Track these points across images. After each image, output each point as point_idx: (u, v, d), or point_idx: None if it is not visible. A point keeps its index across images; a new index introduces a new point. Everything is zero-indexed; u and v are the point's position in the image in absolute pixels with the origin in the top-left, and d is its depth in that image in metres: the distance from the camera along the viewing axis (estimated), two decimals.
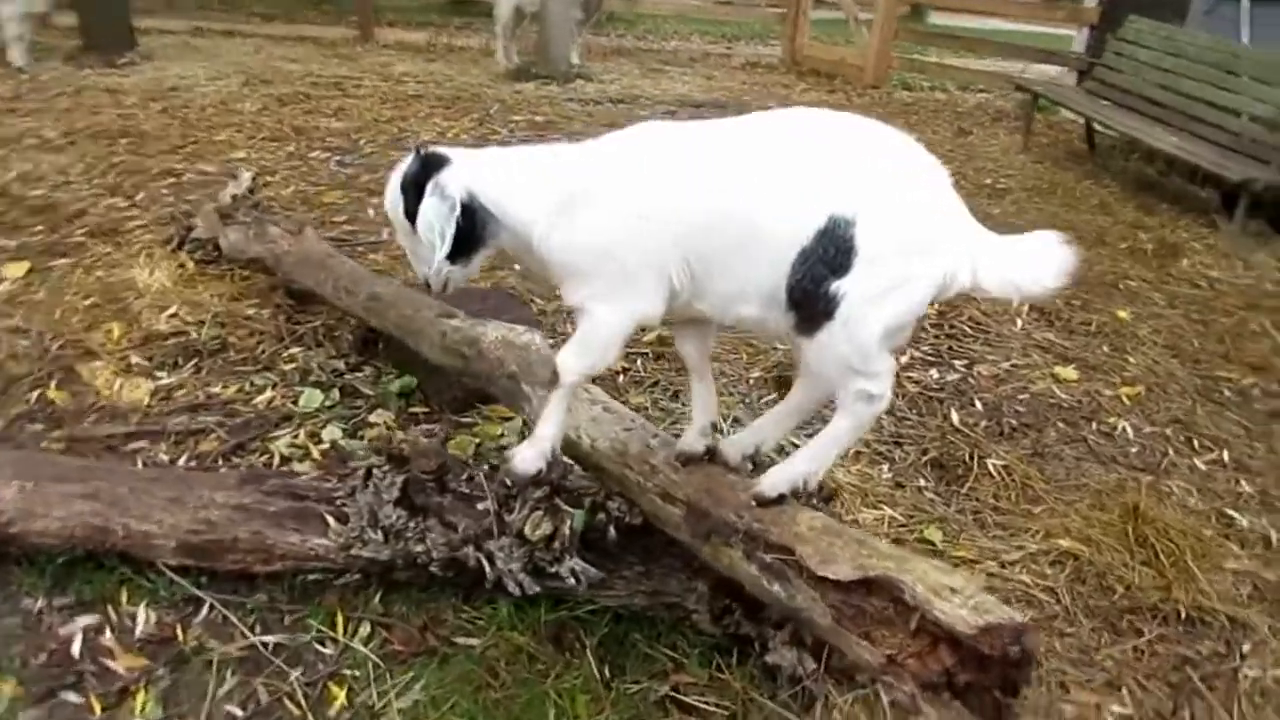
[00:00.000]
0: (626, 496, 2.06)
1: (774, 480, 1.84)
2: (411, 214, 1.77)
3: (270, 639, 2.29)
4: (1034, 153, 8.01)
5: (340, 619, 2.34)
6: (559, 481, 2.06)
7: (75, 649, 2.22)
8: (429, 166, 1.77)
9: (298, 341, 3.63)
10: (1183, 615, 2.68)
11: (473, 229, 1.76)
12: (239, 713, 2.13)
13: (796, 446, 2.18)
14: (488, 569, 2.02)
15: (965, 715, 1.60)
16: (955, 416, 3.53)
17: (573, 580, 2.01)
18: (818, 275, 1.61)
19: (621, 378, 3.55)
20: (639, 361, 3.70)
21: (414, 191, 1.77)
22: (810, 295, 1.63)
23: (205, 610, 2.35)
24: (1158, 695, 2.44)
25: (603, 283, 1.74)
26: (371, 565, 2.29)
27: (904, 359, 3.88)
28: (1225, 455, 3.50)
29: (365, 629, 2.33)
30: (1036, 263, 1.64)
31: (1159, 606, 2.70)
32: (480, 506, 2.06)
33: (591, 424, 2.16)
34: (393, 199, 1.83)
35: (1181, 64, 6.98)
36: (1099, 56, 8.14)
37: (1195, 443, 3.57)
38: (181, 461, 2.91)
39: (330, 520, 2.29)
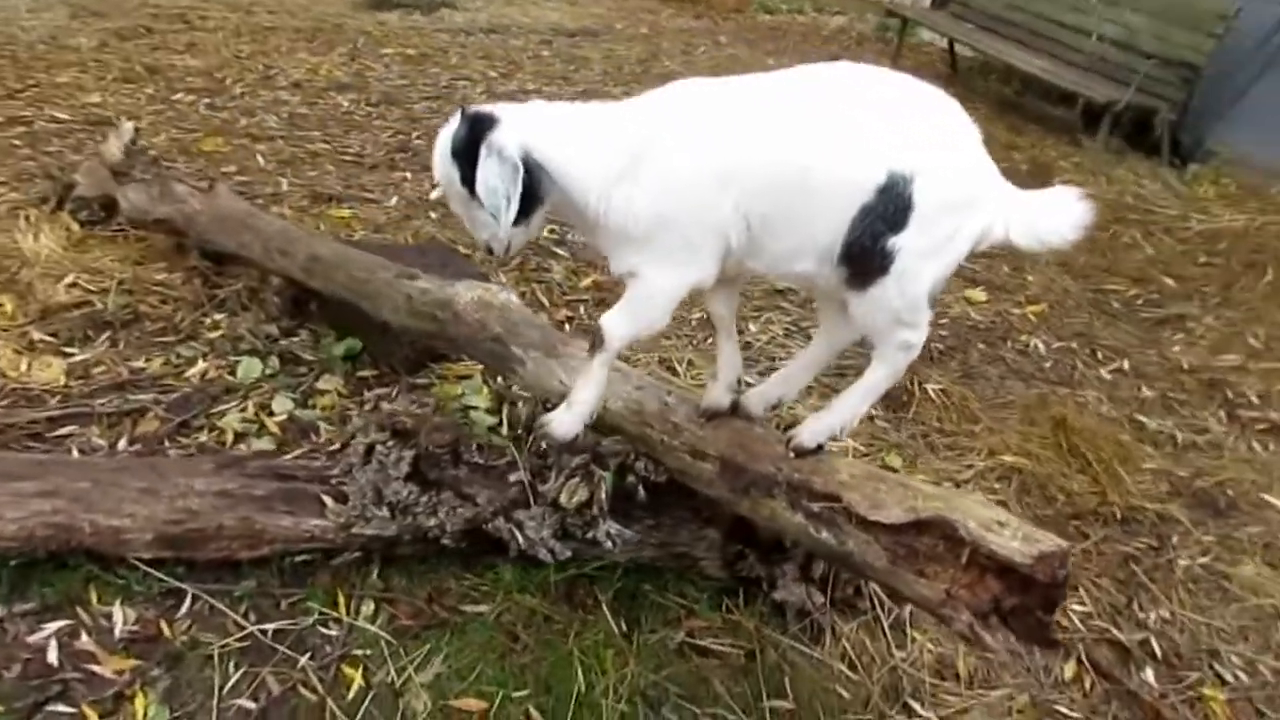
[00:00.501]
0: (651, 456, 2.06)
1: (813, 430, 1.89)
2: (468, 180, 1.68)
3: (269, 626, 2.21)
4: None
5: (341, 599, 2.28)
6: (595, 447, 2.04)
7: (52, 657, 2.07)
8: (478, 127, 1.68)
9: (220, 307, 3.39)
10: (1119, 516, 2.95)
11: (530, 188, 1.69)
12: (251, 705, 2.05)
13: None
14: (519, 539, 1.99)
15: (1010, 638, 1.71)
16: None
17: (609, 544, 2.01)
18: (876, 231, 1.64)
19: (568, 327, 3.51)
20: (582, 309, 3.66)
21: (467, 156, 1.67)
22: (867, 251, 1.66)
23: (188, 603, 2.24)
24: (1110, 591, 2.69)
25: (661, 249, 1.71)
26: (373, 542, 2.23)
27: None
28: (1125, 364, 3.82)
29: (369, 607, 2.27)
30: (1057, 215, 1.72)
31: (1098, 511, 2.96)
32: (511, 478, 2.01)
33: None
34: (444, 167, 1.72)
35: None
36: None
37: (1099, 354, 3.88)
38: (121, 445, 2.71)
39: (327, 500, 2.20)
